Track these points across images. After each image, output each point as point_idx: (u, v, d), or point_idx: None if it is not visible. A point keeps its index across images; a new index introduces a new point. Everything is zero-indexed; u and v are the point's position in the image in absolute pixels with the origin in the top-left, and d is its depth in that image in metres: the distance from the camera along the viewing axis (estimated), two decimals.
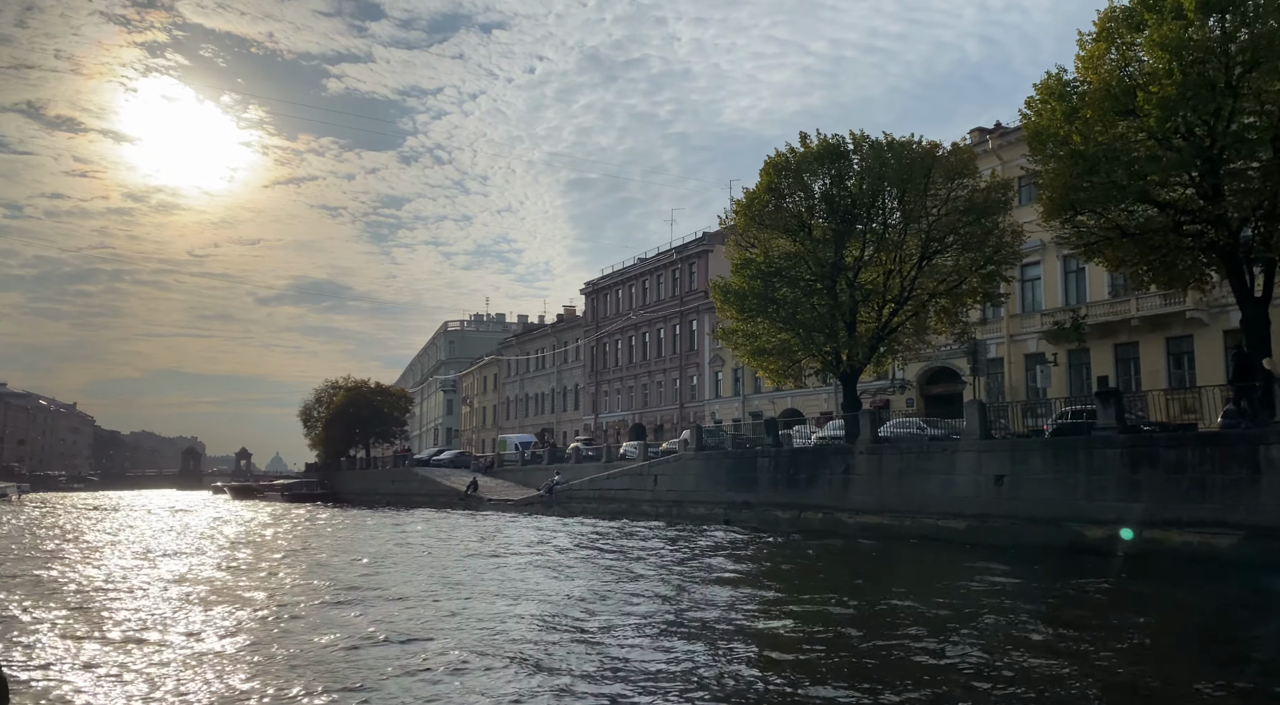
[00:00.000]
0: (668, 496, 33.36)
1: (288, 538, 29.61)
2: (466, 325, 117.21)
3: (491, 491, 50.02)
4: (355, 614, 13.18)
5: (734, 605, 13.55)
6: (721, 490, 30.54)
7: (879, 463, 24.55)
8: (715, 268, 58.96)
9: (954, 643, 10.30)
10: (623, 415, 66.62)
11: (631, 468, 36.34)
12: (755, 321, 29.93)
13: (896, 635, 10.89)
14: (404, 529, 31.91)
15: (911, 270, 27.83)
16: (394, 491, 58.38)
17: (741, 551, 21.73)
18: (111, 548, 26.05)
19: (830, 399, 47.77)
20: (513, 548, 23.55)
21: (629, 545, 23.35)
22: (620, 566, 18.66)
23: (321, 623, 12.44)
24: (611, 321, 69.35)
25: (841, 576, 17.39)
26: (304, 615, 13.17)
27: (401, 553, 23.02)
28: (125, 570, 19.64)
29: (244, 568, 20.00)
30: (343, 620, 12.67)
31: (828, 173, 28.23)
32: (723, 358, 56.27)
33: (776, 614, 12.87)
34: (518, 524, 32.72)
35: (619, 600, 14.18)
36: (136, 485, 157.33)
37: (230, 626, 12.28)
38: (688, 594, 14.71)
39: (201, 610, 13.77)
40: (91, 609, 13.94)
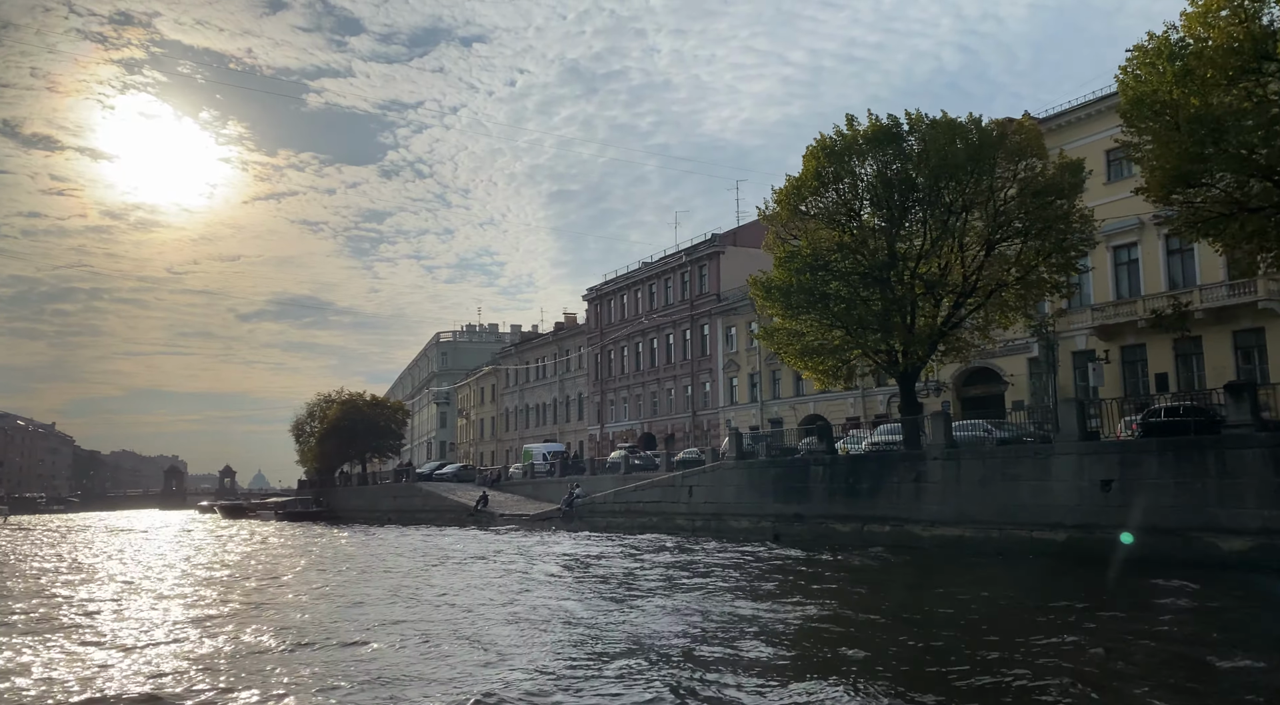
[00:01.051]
0: (705, 509, 31.04)
1: (344, 565, 25.19)
2: (459, 336, 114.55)
3: (502, 506, 47.51)
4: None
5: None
6: (768, 502, 28.26)
7: (956, 469, 22.36)
8: (727, 270, 56.91)
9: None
10: (630, 424, 64.27)
11: (662, 478, 34.01)
12: (801, 319, 27.72)
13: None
14: (444, 550, 29.06)
15: (976, 260, 25.72)
16: (396, 508, 55.70)
17: (838, 574, 19.30)
18: (151, 582, 23.10)
19: (857, 404, 45.66)
20: (603, 574, 20.61)
21: (705, 562, 20.96)
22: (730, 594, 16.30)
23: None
24: (617, 328, 67.05)
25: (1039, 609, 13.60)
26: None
27: (488, 581, 19.60)
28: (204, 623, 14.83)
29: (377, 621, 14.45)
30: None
31: (881, 156, 26.09)
32: (737, 363, 54.10)
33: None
34: (553, 541, 30.23)
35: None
36: (118, 506, 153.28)
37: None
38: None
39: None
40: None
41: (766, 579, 18.21)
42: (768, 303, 28.66)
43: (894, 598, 15.83)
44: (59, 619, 15.36)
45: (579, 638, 12.10)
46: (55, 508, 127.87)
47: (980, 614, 13.38)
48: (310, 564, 25.84)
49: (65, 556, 30.94)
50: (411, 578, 20.77)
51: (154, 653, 12.01)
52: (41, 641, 12.98)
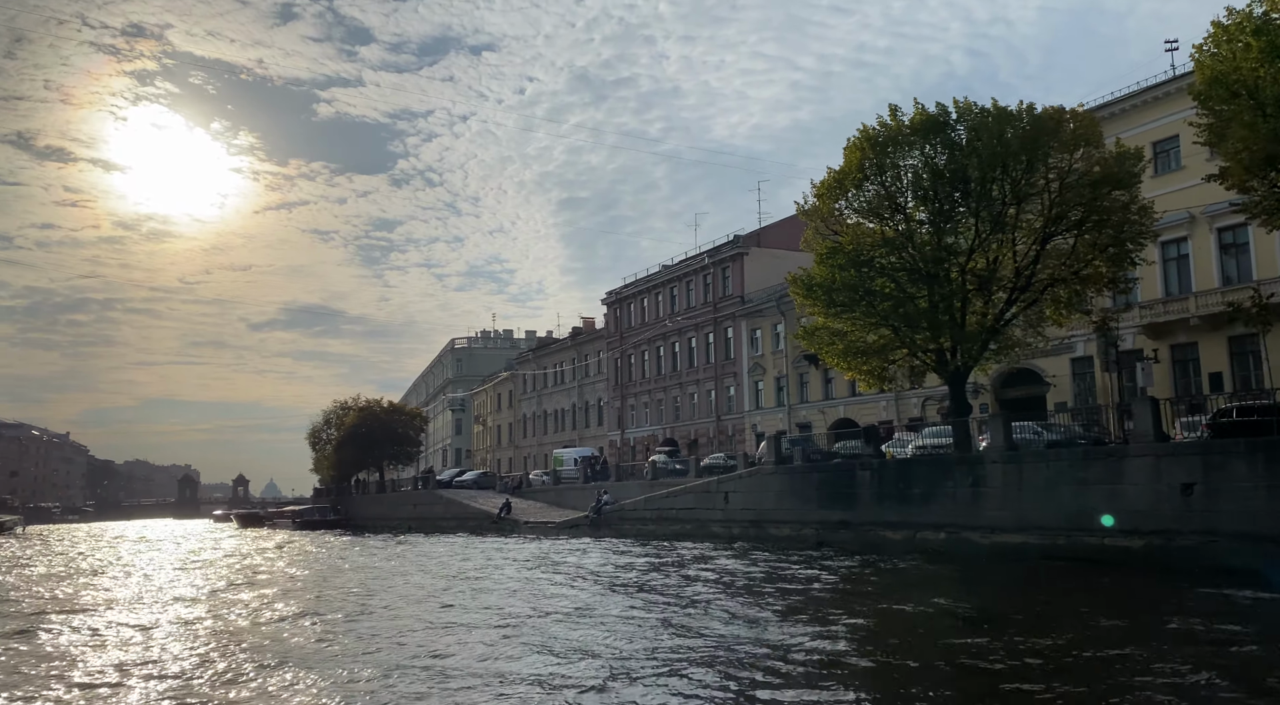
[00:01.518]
0: (742, 516, 29.96)
1: (391, 578, 23.09)
2: (474, 342, 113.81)
3: (525, 514, 46.52)
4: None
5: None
6: (811, 508, 27.17)
7: (1018, 473, 21.25)
8: (752, 272, 55.91)
9: None
10: (652, 430, 63.22)
11: (696, 484, 32.94)
12: (844, 318, 26.66)
13: None
14: (503, 559, 27.92)
15: (1029, 254, 24.62)
16: (416, 516, 54.78)
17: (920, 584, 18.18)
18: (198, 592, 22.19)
19: (890, 407, 44.50)
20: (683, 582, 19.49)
21: (802, 573, 19.85)
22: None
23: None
24: (637, 332, 66.07)
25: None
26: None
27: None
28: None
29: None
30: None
31: (928, 147, 25.05)
32: (763, 366, 53.03)
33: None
34: (594, 549, 29.15)
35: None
36: (132, 515, 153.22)
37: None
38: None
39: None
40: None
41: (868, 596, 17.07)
42: (808, 301, 27.63)
43: (997, 609, 14.72)
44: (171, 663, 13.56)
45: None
46: (70, 517, 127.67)
47: (1115, 640, 11.85)
48: (384, 573, 24.36)
49: (104, 570, 29.79)
50: (522, 586, 19.56)
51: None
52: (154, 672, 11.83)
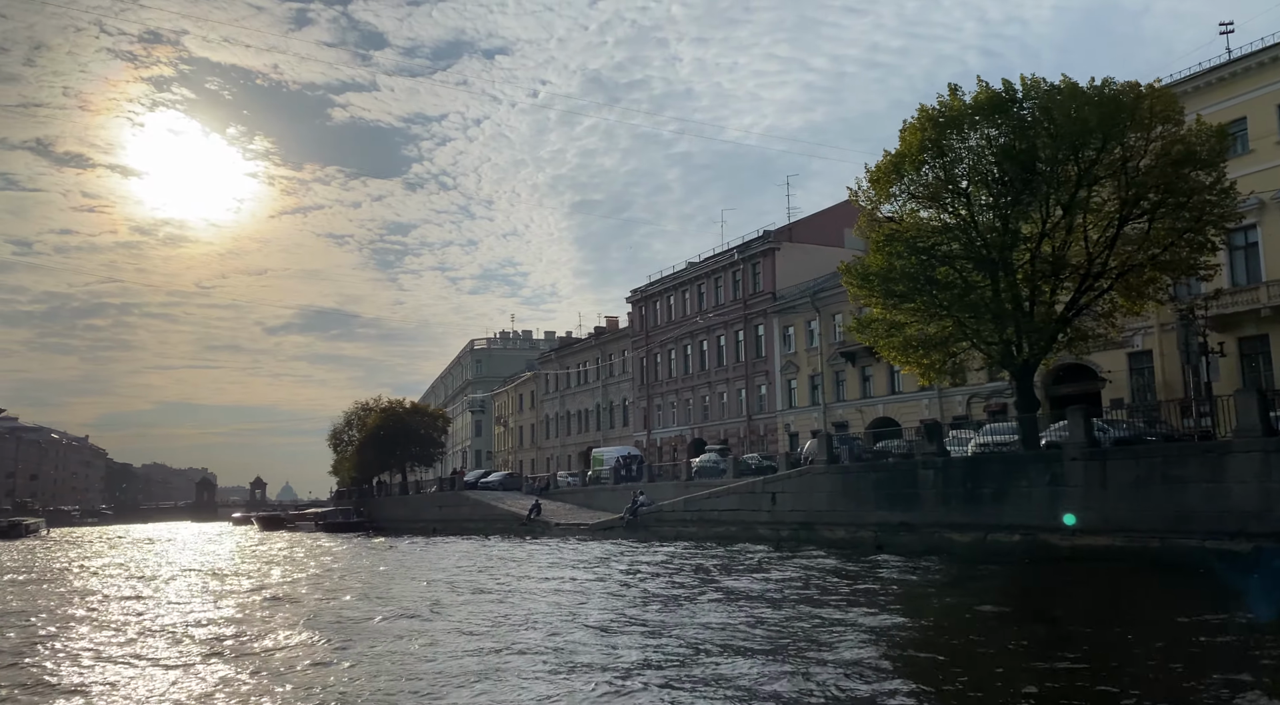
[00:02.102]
0: (791, 518, 28.64)
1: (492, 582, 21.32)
2: (493, 344, 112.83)
3: (555, 515, 45.36)
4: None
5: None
6: (868, 509, 25.83)
7: (1102, 470, 19.85)
8: (784, 267, 54.57)
9: None
10: (679, 430, 61.91)
11: (740, 485, 31.64)
12: (902, 308, 25.32)
13: None
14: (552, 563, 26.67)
15: (1104, 239, 23.22)
16: (442, 518, 53.69)
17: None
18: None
19: (933, 405, 43.03)
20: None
21: (889, 576, 18.59)
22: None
23: None
24: (663, 330, 64.80)
25: None
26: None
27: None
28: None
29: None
30: None
31: (995, 126, 23.69)
32: (796, 364, 51.65)
33: None
34: (647, 552, 27.92)
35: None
36: (151, 518, 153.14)
37: None
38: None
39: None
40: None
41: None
42: (862, 291, 26.29)
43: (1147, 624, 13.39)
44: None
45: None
46: (90, 520, 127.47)
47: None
48: (439, 581, 22.80)
49: (140, 573, 28.83)
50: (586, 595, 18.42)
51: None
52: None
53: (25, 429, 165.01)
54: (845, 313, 48.26)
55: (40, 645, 14.07)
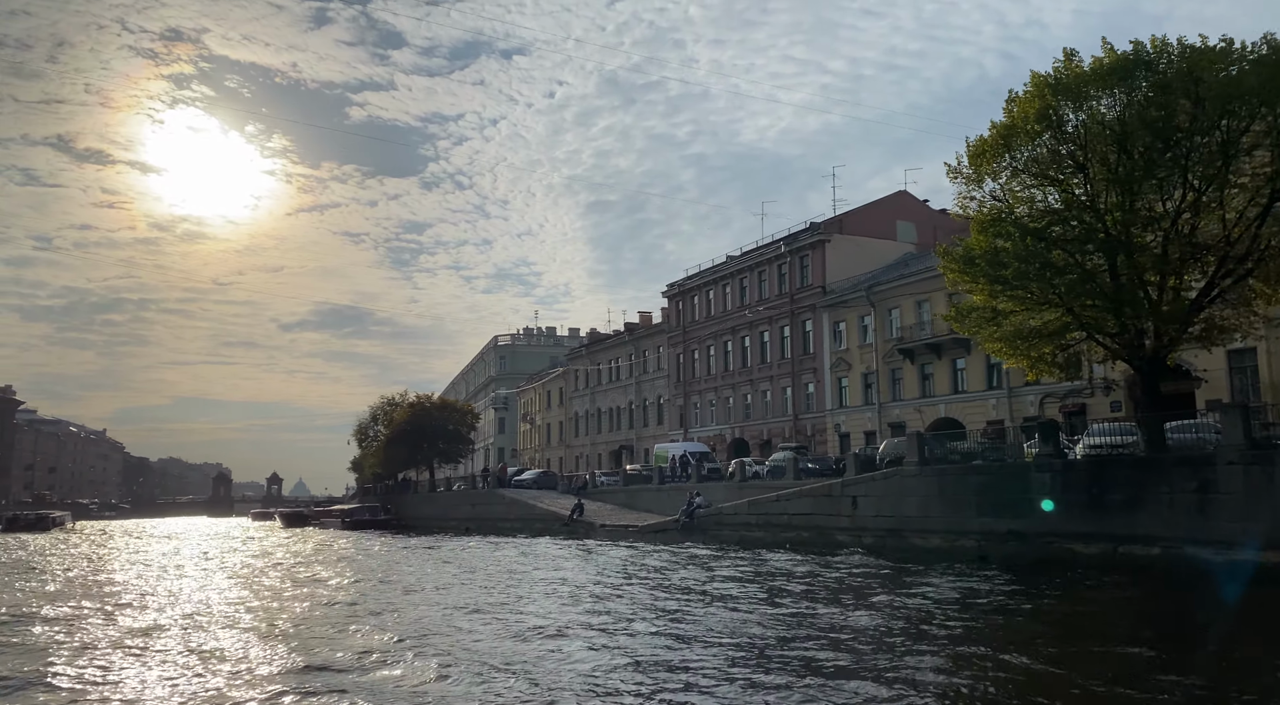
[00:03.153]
0: (875, 524, 26.34)
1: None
2: (517, 340, 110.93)
3: (598, 516, 43.19)
4: None
5: None
6: (968, 516, 23.51)
7: (1269, 475, 17.47)
8: (834, 260, 52.22)
9: None
10: (718, 429, 59.61)
11: (814, 487, 29.34)
12: (1009, 295, 22.98)
13: None
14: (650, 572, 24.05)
15: (1249, 217, 20.83)
16: (474, 516, 51.59)
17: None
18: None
19: (1000, 404, 40.60)
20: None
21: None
22: None
23: None
24: (701, 326, 62.54)
25: None
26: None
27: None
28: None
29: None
30: None
31: (1126, 92, 21.33)
32: (848, 361, 49.28)
33: None
34: (726, 560, 25.62)
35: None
36: (167, 512, 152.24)
37: None
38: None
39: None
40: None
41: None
42: (963, 277, 23.95)
43: None
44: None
45: None
46: (107, 514, 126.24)
47: None
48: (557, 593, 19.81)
49: (203, 574, 26.73)
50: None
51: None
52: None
53: (44, 421, 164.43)
54: (904, 307, 45.93)
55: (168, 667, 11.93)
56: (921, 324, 44.77)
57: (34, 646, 13.61)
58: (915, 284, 45.17)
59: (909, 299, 45.68)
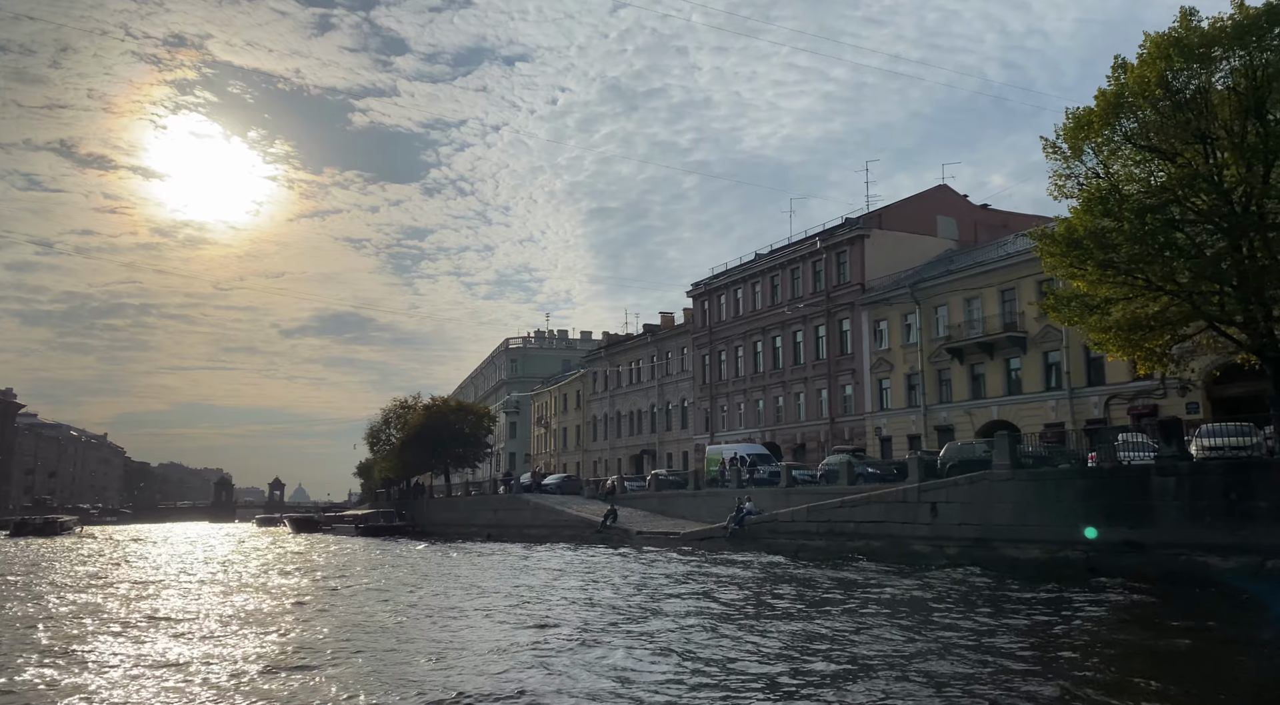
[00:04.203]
0: (960, 533, 24.09)
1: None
2: (529, 343, 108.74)
3: (631, 522, 40.94)
4: None
5: None
6: (1073, 524, 21.27)
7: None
8: (874, 256, 50.04)
9: None
10: (747, 433, 57.28)
11: (886, 492, 27.09)
12: (1122, 281, 20.80)
13: None
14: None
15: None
16: (497, 523, 49.35)
17: None
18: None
19: (1060, 406, 38.33)
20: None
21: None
22: None
23: None
24: (729, 326, 60.34)
25: None
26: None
27: None
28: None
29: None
30: None
31: (1256, 53, 19.19)
32: (889, 362, 47.06)
33: None
34: (830, 576, 23.32)
35: None
36: (168, 518, 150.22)
37: None
38: None
39: None
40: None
41: None
42: (1064, 260, 21.76)
43: None
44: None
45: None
46: (108, 519, 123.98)
47: None
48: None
49: (249, 590, 24.33)
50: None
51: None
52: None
53: (44, 425, 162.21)
54: (952, 304, 43.72)
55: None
56: (972, 322, 42.58)
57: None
58: (965, 280, 43.02)
59: (957, 296, 43.50)
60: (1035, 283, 39.86)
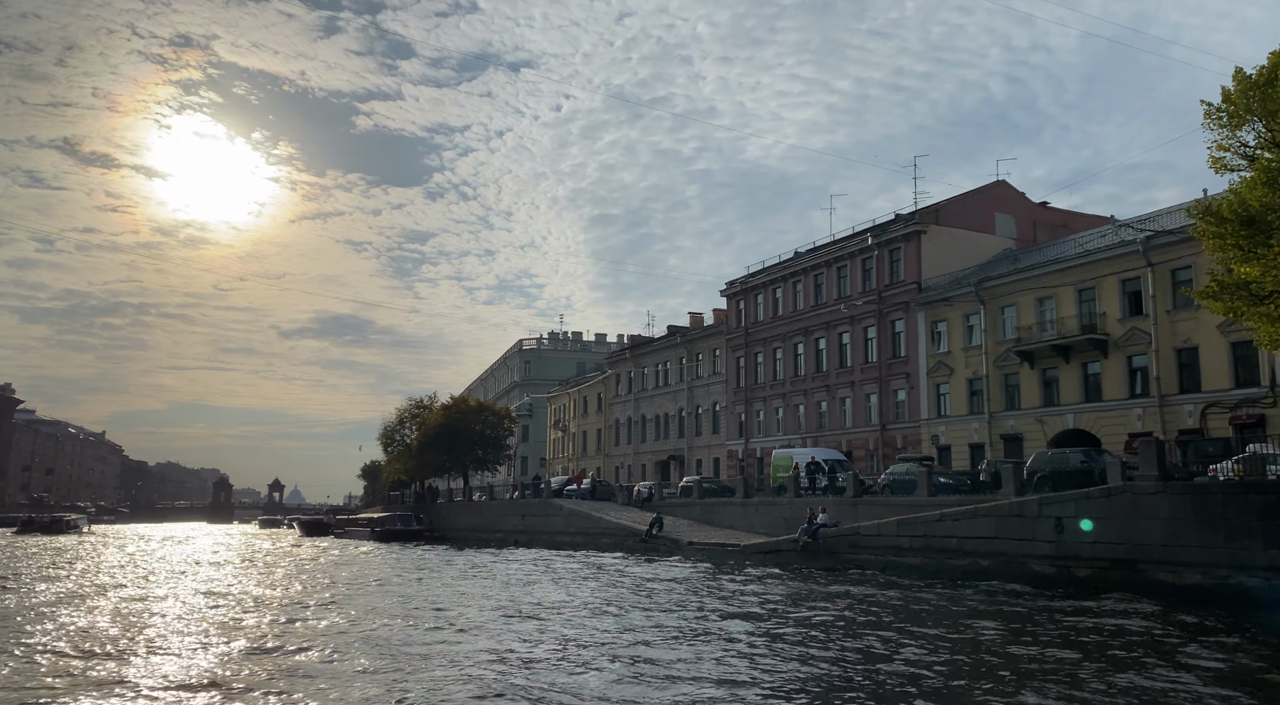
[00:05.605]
0: (1094, 552, 21.17)
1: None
2: (543, 345, 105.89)
3: (678, 532, 37.96)
4: None
5: None
6: (1244, 547, 18.35)
7: None
8: (931, 254, 47.17)
9: None
10: (786, 439, 54.29)
11: (996, 504, 24.14)
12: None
13: None
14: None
15: None
16: (525, 528, 46.37)
17: None
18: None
19: (1149, 415, 35.33)
20: None
21: None
22: None
23: None
24: (766, 327, 57.44)
25: None
26: None
27: None
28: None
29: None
30: None
31: None
32: (949, 365, 44.17)
33: None
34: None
35: None
36: (166, 518, 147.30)
37: None
38: None
39: None
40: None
41: None
42: (1232, 241, 18.90)
43: None
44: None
45: None
46: (105, 518, 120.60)
47: None
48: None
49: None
50: None
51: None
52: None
53: (42, 422, 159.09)
54: (1021, 304, 40.83)
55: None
56: (1044, 323, 39.71)
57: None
58: (1038, 278, 40.16)
59: (1028, 295, 40.63)
60: (1119, 281, 37.08)
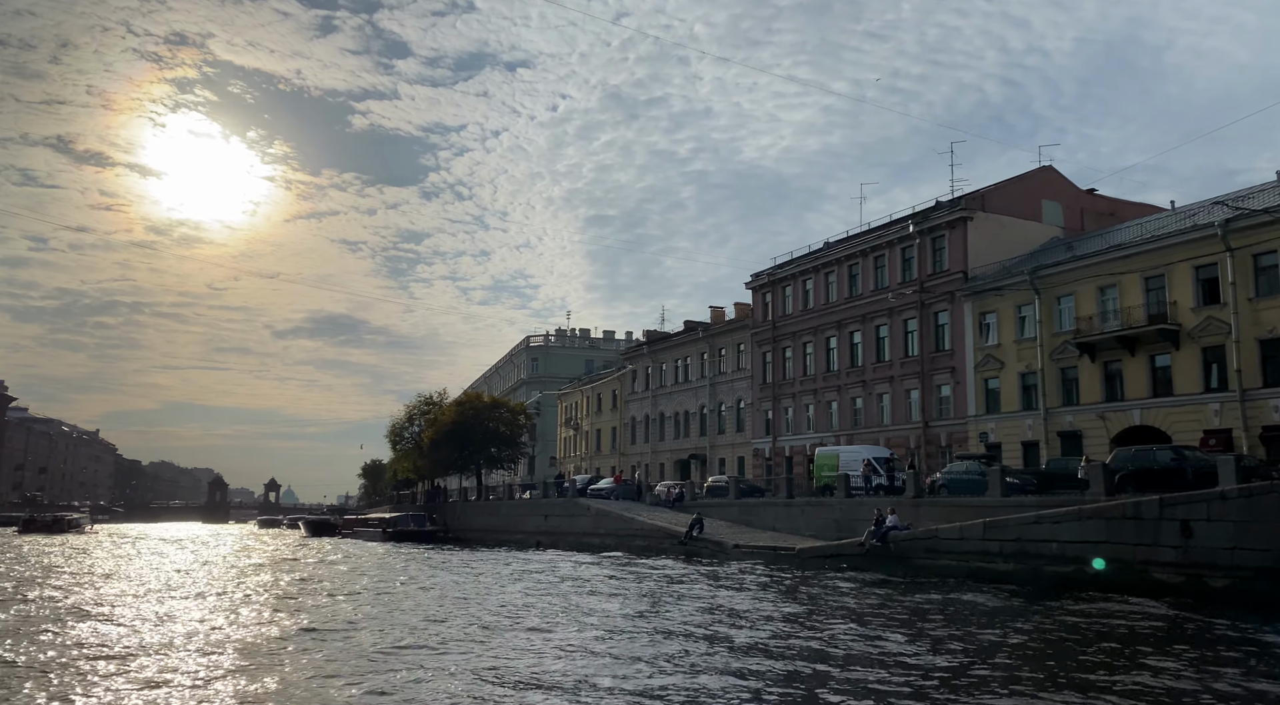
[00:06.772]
0: (1232, 561, 18.77)
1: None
2: (550, 341, 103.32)
3: (719, 534, 35.53)
4: None
5: None
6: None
7: None
8: (978, 241, 44.79)
9: None
10: (818, 437, 51.88)
11: (1110, 505, 21.72)
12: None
13: None
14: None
15: None
16: (548, 529, 43.90)
17: None
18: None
19: (1226, 411, 32.95)
20: None
21: None
22: None
23: None
24: (795, 320, 55.01)
25: None
26: None
27: None
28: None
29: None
30: None
31: None
32: (999, 359, 41.74)
33: None
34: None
35: None
36: (161, 517, 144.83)
37: None
38: None
39: None
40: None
41: None
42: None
43: None
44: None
45: None
46: (100, 517, 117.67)
47: None
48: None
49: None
50: None
51: None
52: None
53: (35, 420, 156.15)
54: (1081, 293, 38.35)
55: None
56: (1106, 314, 37.35)
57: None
58: (1099, 265, 37.80)
59: (1088, 284, 38.25)
60: (1192, 267, 34.74)
